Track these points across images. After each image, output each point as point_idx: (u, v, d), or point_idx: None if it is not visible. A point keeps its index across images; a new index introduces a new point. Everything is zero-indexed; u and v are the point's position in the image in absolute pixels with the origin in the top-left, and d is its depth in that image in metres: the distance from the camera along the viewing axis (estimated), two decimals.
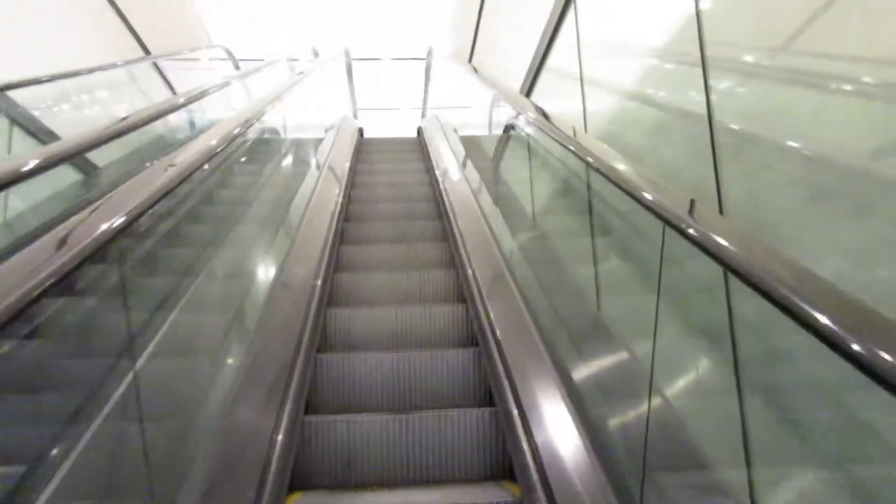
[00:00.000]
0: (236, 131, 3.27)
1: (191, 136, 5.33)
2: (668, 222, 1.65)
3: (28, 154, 2.00)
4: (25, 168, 1.95)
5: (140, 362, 1.84)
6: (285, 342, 2.40)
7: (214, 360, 2.31)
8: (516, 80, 4.78)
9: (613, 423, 2.04)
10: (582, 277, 2.92)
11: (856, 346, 0.86)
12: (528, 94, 4.61)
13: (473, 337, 2.82)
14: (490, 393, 2.38)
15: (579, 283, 2.91)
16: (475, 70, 5.71)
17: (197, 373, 2.18)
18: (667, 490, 1.70)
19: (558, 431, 1.86)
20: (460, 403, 2.46)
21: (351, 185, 5.36)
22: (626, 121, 3.09)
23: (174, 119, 5.57)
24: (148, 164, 2.14)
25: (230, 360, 2.32)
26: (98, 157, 4.74)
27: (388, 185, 5.19)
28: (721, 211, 2.02)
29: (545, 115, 3.23)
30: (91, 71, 4.90)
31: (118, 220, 1.51)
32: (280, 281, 3.01)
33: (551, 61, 4.21)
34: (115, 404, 1.66)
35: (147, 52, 6.73)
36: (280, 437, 1.90)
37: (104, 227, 1.44)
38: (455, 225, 3.74)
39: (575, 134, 2.84)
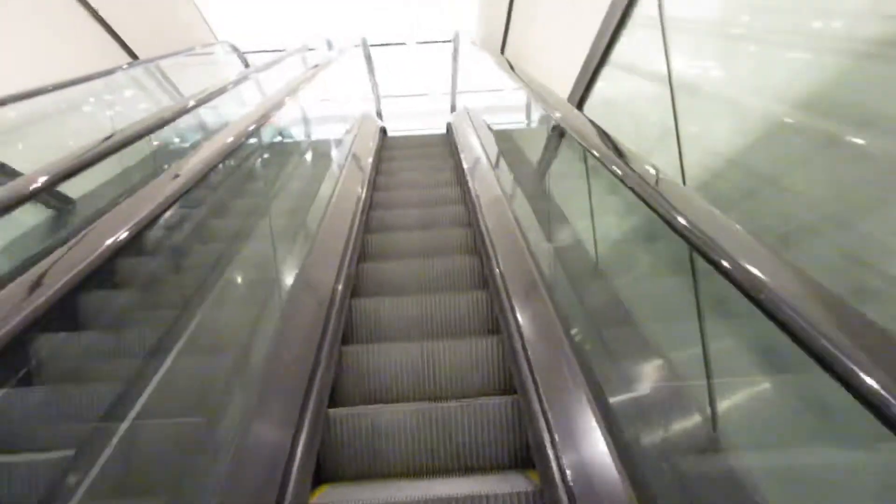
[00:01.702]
0: (223, 149, 2.61)
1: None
2: None
3: None
4: None
5: (168, 358, 1.97)
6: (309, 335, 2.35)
7: (239, 354, 2.32)
8: (562, 82, 3.69)
9: None
10: (685, 380, 2.05)
11: None
12: (579, 103, 3.59)
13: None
14: None
15: (685, 392, 2.04)
16: (510, 65, 4.78)
17: (219, 366, 2.20)
18: None
19: None
20: None
21: (369, 206, 4.55)
22: (778, 163, 2.04)
23: (183, 125, 5.06)
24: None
25: (254, 355, 2.32)
26: (76, 186, 4.05)
27: (416, 224, 4.27)
28: None
29: (617, 151, 2.31)
30: (55, 87, 4.13)
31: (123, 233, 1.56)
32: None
33: (618, 55, 3.20)
34: (148, 395, 1.77)
35: (134, 57, 5.96)
36: (304, 430, 1.87)
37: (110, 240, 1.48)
38: (498, 273, 2.90)
39: (658, 182, 1.93)
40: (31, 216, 3.64)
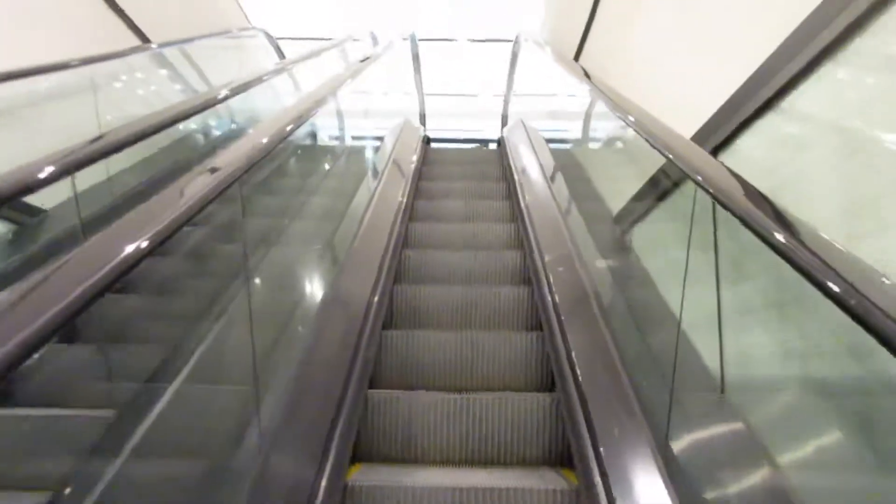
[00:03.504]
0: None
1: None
2: None
3: None
4: None
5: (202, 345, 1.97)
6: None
7: (283, 336, 2.27)
8: (676, 118, 2.37)
9: None
10: None
11: None
12: (715, 150, 2.42)
13: None
14: None
15: None
16: (586, 75, 3.81)
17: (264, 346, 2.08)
18: None
19: None
20: None
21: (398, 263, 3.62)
22: None
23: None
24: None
25: (299, 340, 2.27)
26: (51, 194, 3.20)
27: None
28: None
29: (803, 242, 1.28)
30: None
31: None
32: None
33: (809, 100, 1.94)
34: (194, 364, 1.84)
35: (146, 40, 5.09)
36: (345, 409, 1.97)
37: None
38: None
39: None
40: None
